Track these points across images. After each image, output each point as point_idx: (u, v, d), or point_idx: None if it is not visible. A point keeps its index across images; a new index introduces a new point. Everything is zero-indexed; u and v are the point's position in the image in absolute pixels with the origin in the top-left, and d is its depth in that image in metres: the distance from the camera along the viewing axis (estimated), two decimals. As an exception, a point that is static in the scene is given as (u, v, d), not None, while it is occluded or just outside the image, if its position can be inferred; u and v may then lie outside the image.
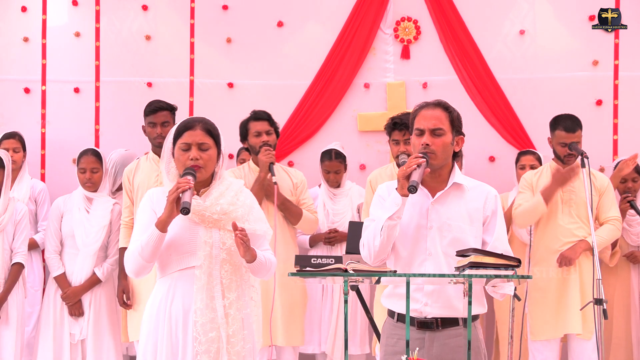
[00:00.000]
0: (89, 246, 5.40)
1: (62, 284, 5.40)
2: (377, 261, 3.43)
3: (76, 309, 5.38)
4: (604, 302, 4.37)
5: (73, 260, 5.42)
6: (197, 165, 3.42)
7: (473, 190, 3.46)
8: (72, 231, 5.41)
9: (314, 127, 6.41)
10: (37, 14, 6.54)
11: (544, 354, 5.39)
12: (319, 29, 6.50)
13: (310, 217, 5.45)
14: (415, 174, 3.27)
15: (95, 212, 5.45)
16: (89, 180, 5.45)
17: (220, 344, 3.37)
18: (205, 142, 3.46)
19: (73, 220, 5.42)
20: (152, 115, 5.35)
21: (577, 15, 6.37)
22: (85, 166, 5.47)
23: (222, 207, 3.42)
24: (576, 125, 5.33)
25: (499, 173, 6.18)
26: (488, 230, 3.43)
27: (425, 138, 3.40)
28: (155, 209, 3.43)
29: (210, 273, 3.40)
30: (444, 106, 3.46)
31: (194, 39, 6.52)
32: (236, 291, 3.44)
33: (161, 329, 3.40)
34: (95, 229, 5.41)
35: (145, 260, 3.37)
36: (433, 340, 3.41)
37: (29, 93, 6.54)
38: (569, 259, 5.31)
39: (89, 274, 5.40)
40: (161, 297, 3.44)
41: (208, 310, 3.37)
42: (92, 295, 5.42)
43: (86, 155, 5.50)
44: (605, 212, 5.39)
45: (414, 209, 3.42)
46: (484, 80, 6.36)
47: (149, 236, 3.33)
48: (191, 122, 3.50)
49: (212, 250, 3.40)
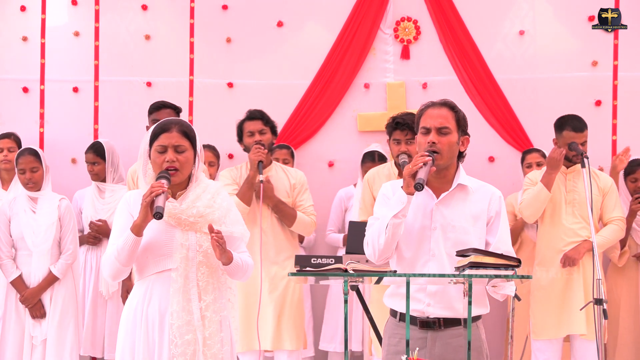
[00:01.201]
0: (40, 245, 5.34)
1: (19, 287, 5.32)
2: (381, 259, 3.43)
3: (37, 310, 5.31)
4: (604, 302, 4.37)
5: (28, 262, 5.35)
6: (173, 167, 3.40)
7: (477, 192, 3.47)
8: (21, 233, 5.34)
9: (314, 127, 6.41)
10: (36, 13, 6.54)
11: (546, 353, 5.39)
12: (319, 29, 6.50)
13: (304, 220, 5.35)
14: (422, 171, 3.27)
15: (41, 211, 5.39)
16: (30, 180, 5.38)
17: (196, 347, 3.36)
18: (182, 144, 3.42)
19: (20, 222, 5.35)
20: (156, 112, 5.32)
21: (577, 16, 6.37)
22: (24, 167, 5.38)
23: (199, 209, 3.40)
24: (583, 125, 5.36)
25: (498, 173, 6.18)
26: (491, 231, 3.44)
27: (432, 136, 3.40)
28: (132, 212, 3.41)
29: (187, 275, 3.38)
30: (450, 106, 3.47)
31: (194, 39, 6.51)
32: (213, 293, 3.42)
33: (138, 331, 3.39)
34: (44, 227, 5.35)
35: (122, 265, 3.36)
36: (435, 340, 3.41)
37: (28, 92, 6.54)
38: (572, 260, 5.32)
39: (45, 274, 5.34)
40: (138, 299, 3.42)
41: (184, 313, 3.36)
42: (52, 292, 5.35)
43: (23, 155, 5.41)
44: (609, 212, 5.40)
45: (418, 210, 3.43)
46: (483, 80, 6.36)
47: (125, 240, 3.32)
48: (167, 124, 3.46)
49: (189, 252, 3.39)
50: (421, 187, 3.24)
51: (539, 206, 5.35)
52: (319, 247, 6.31)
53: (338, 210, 6.19)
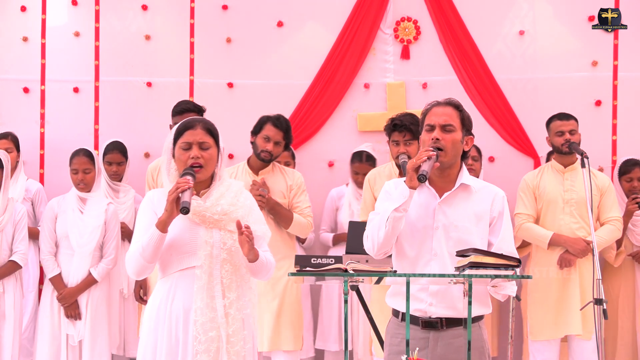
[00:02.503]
0: (84, 247, 5.38)
1: (57, 285, 5.38)
2: (380, 253, 3.43)
3: (72, 310, 5.36)
4: (604, 302, 4.37)
5: (69, 261, 5.40)
6: (197, 164, 3.43)
7: (480, 192, 3.47)
8: (66, 232, 5.39)
9: (314, 127, 6.41)
10: (36, 13, 6.54)
11: (544, 354, 5.40)
12: (319, 29, 6.50)
13: (301, 222, 5.33)
14: (425, 164, 3.28)
15: (89, 213, 5.43)
16: (82, 181, 5.43)
17: (220, 344, 3.37)
18: (206, 141, 3.47)
19: (67, 221, 5.40)
20: (179, 116, 5.32)
21: (577, 16, 6.38)
22: (77, 167, 5.44)
23: (223, 207, 3.43)
24: (570, 116, 5.41)
25: (498, 173, 6.18)
26: (494, 232, 3.44)
27: (436, 133, 3.41)
28: (155, 210, 3.44)
29: (211, 273, 3.40)
30: (455, 105, 3.49)
31: (194, 39, 6.51)
32: (236, 291, 3.45)
33: (161, 328, 3.41)
34: (90, 229, 5.40)
35: (147, 261, 3.38)
36: (437, 340, 3.41)
37: (28, 93, 6.54)
38: (568, 260, 5.32)
39: (84, 275, 5.38)
40: (162, 296, 3.44)
41: (208, 310, 3.37)
42: (88, 295, 5.40)
43: (78, 156, 5.47)
44: (606, 213, 5.41)
45: (420, 209, 3.43)
46: (483, 80, 6.36)
47: (150, 237, 3.34)
48: (192, 122, 3.51)
49: (213, 250, 3.41)
50: (424, 178, 3.25)
51: (532, 241, 5.47)
52: (315, 247, 6.31)
53: (329, 210, 6.20)
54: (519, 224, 5.42)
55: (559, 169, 5.46)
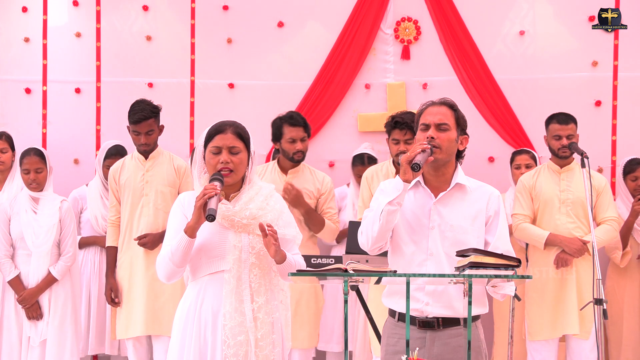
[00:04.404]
0: (40, 246, 5.33)
1: (16, 288, 5.32)
2: (374, 248, 3.44)
3: (33, 311, 5.30)
4: (604, 302, 4.38)
5: (27, 262, 5.34)
6: (227, 169, 3.42)
7: (476, 191, 3.48)
8: (21, 233, 5.33)
9: (314, 128, 6.39)
10: (37, 14, 6.55)
11: (542, 354, 5.40)
12: (320, 29, 6.51)
13: (331, 227, 5.42)
14: (419, 156, 3.29)
15: (43, 212, 5.38)
16: (34, 181, 5.36)
17: (248, 348, 3.38)
18: (236, 145, 3.45)
19: (21, 222, 5.35)
20: (136, 125, 5.37)
21: (577, 16, 6.38)
22: (28, 167, 5.37)
23: (252, 211, 3.42)
24: (569, 119, 5.39)
25: (498, 173, 6.18)
26: (490, 231, 3.45)
27: (431, 131, 3.42)
28: (186, 214, 3.44)
29: (239, 277, 3.41)
30: (450, 104, 3.50)
31: (195, 40, 6.53)
32: (265, 295, 3.45)
33: (189, 332, 3.42)
34: (45, 228, 5.35)
35: (176, 265, 3.39)
36: (434, 340, 3.42)
37: (30, 93, 6.55)
38: (565, 260, 5.33)
39: (44, 275, 5.33)
40: (191, 300, 3.45)
41: (237, 314, 3.38)
42: (50, 294, 5.35)
43: (29, 155, 5.40)
44: (603, 213, 5.40)
45: (416, 209, 3.44)
46: (483, 80, 6.37)
47: (179, 242, 3.35)
48: (222, 126, 3.48)
49: (241, 254, 3.41)
50: (418, 167, 3.25)
51: (528, 241, 5.48)
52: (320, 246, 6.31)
53: None
54: (515, 224, 5.43)
55: (555, 170, 5.47)
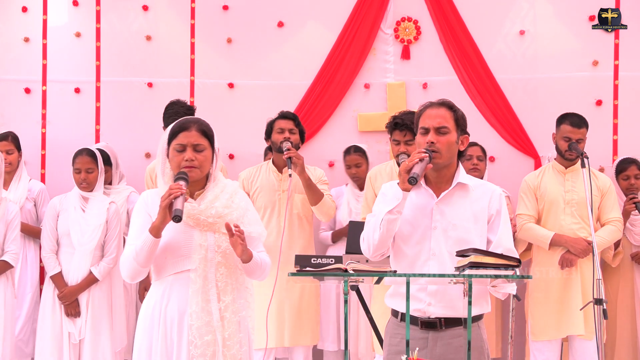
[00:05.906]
0: (85, 245, 5.38)
1: (58, 284, 5.38)
2: (376, 255, 3.44)
3: (72, 308, 5.35)
4: (604, 302, 4.37)
5: (69, 259, 5.39)
6: (191, 166, 3.39)
7: (477, 190, 3.47)
8: (68, 230, 5.39)
9: (314, 128, 6.42)
10: (37, 14, 6.55)
11: (545, 354, 5.39)
12: (320, 29, 6.51)
13: (328, 202, 5.45)
14: (417, 167, 3.28)
15: (91, 211, 5.43)
16: (84, 181, 5.43)
17: (216, 347, 3.35)
18: (201, 143, 3.41)
19: (69, 219, 5.40)
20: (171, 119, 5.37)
21: (577, 16, 6.37)
22: (80, 166, 5.44)
23: (217, 210, 3.39)
24: (582, 123, 5.37)
25: (498, 173, 6.18)
26: (492, 229, 3.44)
27: (430, 136, 3.41)
28: (150, 212, 3.40)
29: (206, 276, 3.37)
30: (449, 105, 3.48)
31: (195, 39, 6.52)
32: (232, 294, 3.42)
33: (155, 332, 3.38)
34: (91, 227, 5.39)
35: (140, 265, 3.34)
36: (436, 340, 3.41)
37: (30, 93, 6.55)
38: (569, 260, 5.32)
39: (85, 273, 5.38)
40: (156, 300, 3.41)
41: (204, 314, 3.34)
42: (89, 294, 5.39)
43: (81, 155, 5.47)
44: (607, 213, 5.40)
45: (418, 209, 3.44)
46: (483, 80, 6.36)
47: (144, 241, 3.31)
48: (186, 123, 3.45)
49: (207, 253, 3.38)
50: (415, 180, 3.25)
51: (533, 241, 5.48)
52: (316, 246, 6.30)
53: None
54: (520, 224, 5.42)
55: (560, 170, 5.46)
